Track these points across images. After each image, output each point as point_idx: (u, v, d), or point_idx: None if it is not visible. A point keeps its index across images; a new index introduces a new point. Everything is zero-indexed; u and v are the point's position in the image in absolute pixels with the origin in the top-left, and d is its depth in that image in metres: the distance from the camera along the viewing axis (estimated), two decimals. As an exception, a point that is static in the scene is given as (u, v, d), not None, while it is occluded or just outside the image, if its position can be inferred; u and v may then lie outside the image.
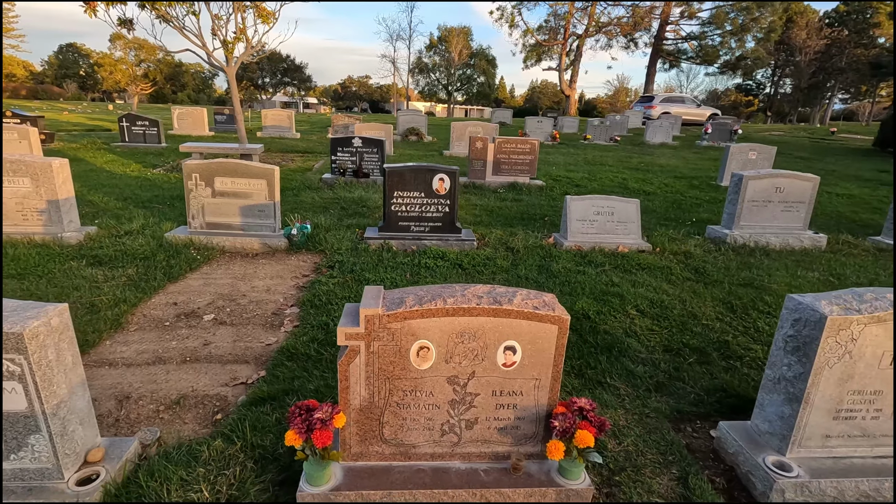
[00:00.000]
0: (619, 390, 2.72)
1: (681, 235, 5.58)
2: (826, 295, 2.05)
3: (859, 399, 2.05)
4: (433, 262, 4.45)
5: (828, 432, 2.09)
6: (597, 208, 5.23)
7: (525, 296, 1.88)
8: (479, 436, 1.96)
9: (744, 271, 4.55)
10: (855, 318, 1.92)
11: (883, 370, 2.01)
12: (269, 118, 14.95)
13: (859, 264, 4.91)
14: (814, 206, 7.61)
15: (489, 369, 1.87)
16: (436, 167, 4.90)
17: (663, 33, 41.01)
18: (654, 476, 2.12)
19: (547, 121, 15.61)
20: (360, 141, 7.86)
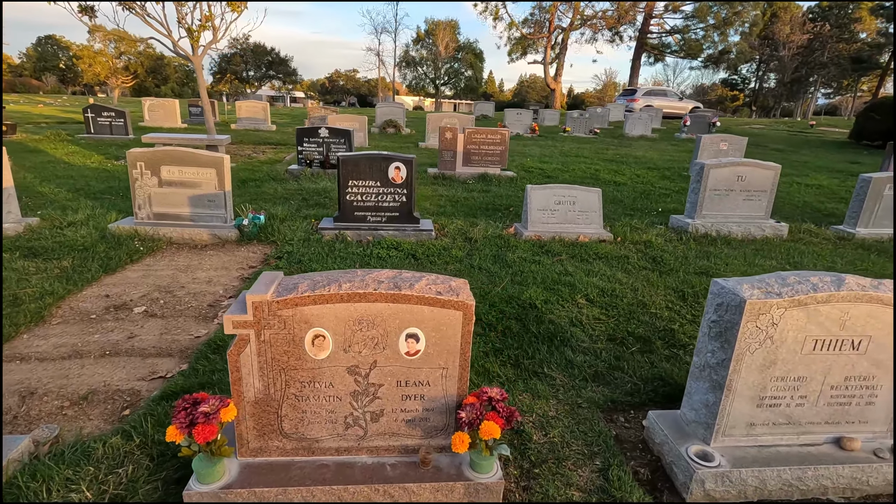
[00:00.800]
0: (555, 380, 2.64)
1: (644, 225, 5.53)
2: (750, 279, 1.98)
3: (783, 386, 1.99)
4: (386, 252, 4.34)
5: (752, 420, 2.03)
6: (558, 198, 5.15)
7: (430, 281, 1.78)
8: (387, 428, 1.87)
9: (701, 260, 4.50)
10: (775, 302, 1.85)
11: (806, 356, 1.95)
12: (243, 110, 14.68)
13: (818, 252, 4.89)
14: (782, 197, 7.64)
15: (392, 358, 1.77)
16: (392, 155, 4.78)
17: (647, 27, 41.12)
18: (576, 468, 2.04)
19: (526, 113, 15.51)
20: (326, 131, 7.70)
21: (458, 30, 66.45)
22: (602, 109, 19.59)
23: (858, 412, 2.08)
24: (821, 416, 2.07)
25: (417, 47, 66.80)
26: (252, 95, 68.09)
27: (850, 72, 49.38)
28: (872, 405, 2.07)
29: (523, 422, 2.29)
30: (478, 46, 67.63)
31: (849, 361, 1.99)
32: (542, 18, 41.71)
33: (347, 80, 78.56)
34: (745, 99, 60.55)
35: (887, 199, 5.58)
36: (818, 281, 1.93)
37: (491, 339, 2.97)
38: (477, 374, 2.60)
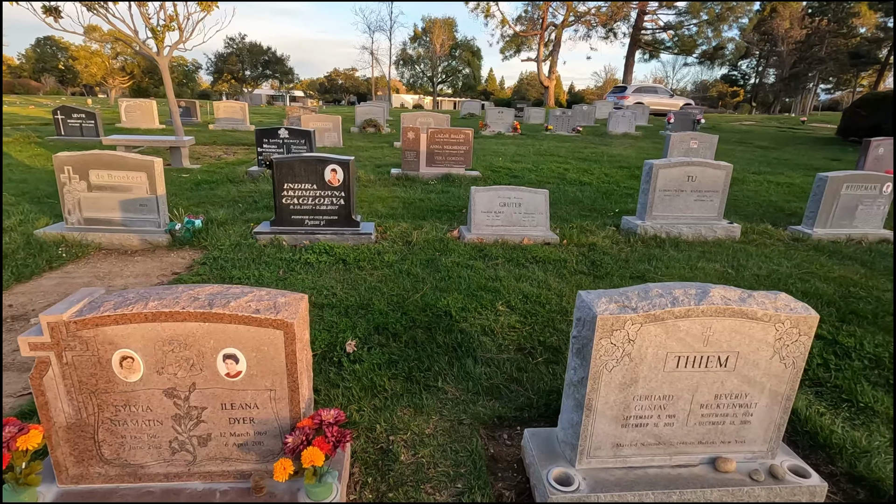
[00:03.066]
0: (446, 394, 2.53)
1: (595, 227, 5.41)
2: (613, 291, 1.87)
3: (648, 405, 1.88)
4: (315, 257, 4.23)
5: (619, 441, 1.92)
6: (503, 199, 5.04)
7: (255, 297, 1.67)
8: (217, 453, 1.76)
9: (642, 264, 4.38)
10: (629, 317, 1.74)
11: (670, 373, 1.83)
12: (221, 110, 14.56)
13: (766, 254, 4.77)
14: (749, 196, 7.52)
15: (211, 380, 1.66)
16: (328, 157, 4.67)
17: (641, 23, 40.88)
18: (435, 491, 1.94)
19: (508, 111, 15.36)
20: (286, 132, 7.59)
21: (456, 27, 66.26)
22: (588, 107, 19.43)
23: (734, 431, 1.96)
24: (693, 435, 1.95)
25: (414, 45, 66.63)
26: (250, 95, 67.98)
27: (849, 67, 49.12)
28: (748, 424, 1.96)
29: (395, 441, 2.18)
30: (475, 44, 67.44)
31: (717, 379, 1.87)
32: (535, 15, 41.49)
33: (346, 79, 78.34)
34: (746, 95, 60.27)
35: (845, 199, 5.46)
36: (681, 294, 1.81)
37: (391, 349, 2.86)
38: (363, 389, 2.49)
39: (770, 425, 1.97)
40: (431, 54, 63.52)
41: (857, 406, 2.48)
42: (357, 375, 2.58)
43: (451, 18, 64.07)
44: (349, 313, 3.26)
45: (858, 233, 5.50)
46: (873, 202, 5.52)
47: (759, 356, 1.85)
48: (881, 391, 2.60)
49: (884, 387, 2.65)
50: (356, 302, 3.41)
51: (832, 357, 2.89)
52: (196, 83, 75.35)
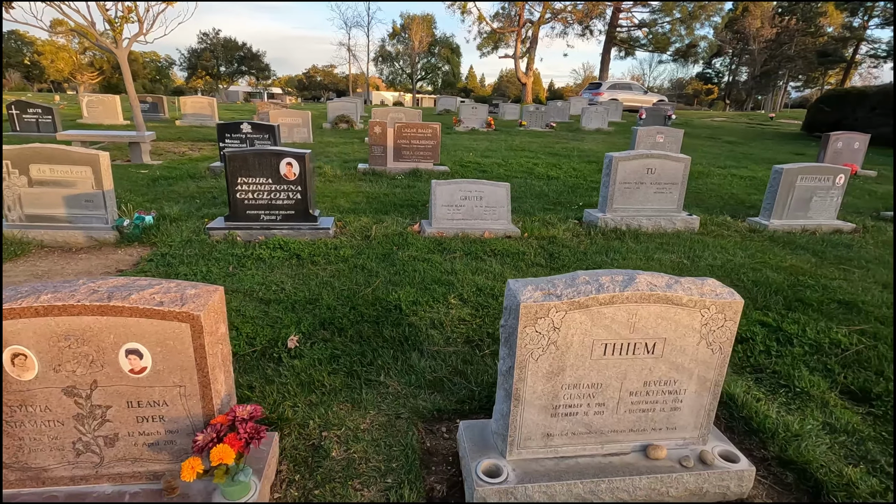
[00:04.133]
0: (387, 388, 2.48)
1: (558, 220, 5.41)
2: (539, 280, 1.84)
3: (577, 394, 1.86)
4: (269, 252, 4.13)
5: (549, 431, 1.89)
6: (464, 193, 5.00)
7: (162, 289, 1.59)
8: (127, 454, 1.68)
9: (600, 256, 4.40)
10: (553, 305, 1.71)
11: (597, 361, 1.81)
12: (188, 106, 14.20)
13: (723, 245, 4.83)
14: (713, 189, 7.63)
15: (114, 377, 1.58)
16: (283, 151, 4.56)
17: (616, 20, 41.29)
18: (363, 487, 1.88)
19: (482, 107, 15.35)
20: (249, 127, 7.42)
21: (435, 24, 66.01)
22: (562, 103, 19.55)
23: (664, 418, 1.96)
24: (624, 423, 1.94)
25: (393, 42, 66.21)
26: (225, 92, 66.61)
27: (817, 65, 50.51)
28: (679, 410, 1.95)
29: (328, 437, 2.12)
30: (454, 41, 67.30)
31: (645, 366, 1.86)
32: (512, 12, 41.56)
33: (325, 76, 77.41)
34: (720, 92, 61.49)
35: (800, 191, 5.57)
36: (608, 281, 1.79)
37: (335, 344, 2.80)
38: (300, 385, 2.42)
39: (700, 411, 1.97)
40: (410, 51, 63.20)
41: (794, 391, 2.51)
42: (296, 371, 2.51)
43: (429, 15, 63.84)
44: (296, 308, 3.18)
45: (813, 223, 5.62)
46: (826, 193, 5.64)
47: (686, 342, 1.85)
48: (818, 376, 2.64)
49: (821, 371, 2.69)
50: (305, 297, 3.33)
51: (774, 344, 2.93)
52: (170, 79, 73.59)
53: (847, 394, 2.53)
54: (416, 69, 66.09)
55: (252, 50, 70.75)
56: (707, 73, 62.86)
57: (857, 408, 2.43)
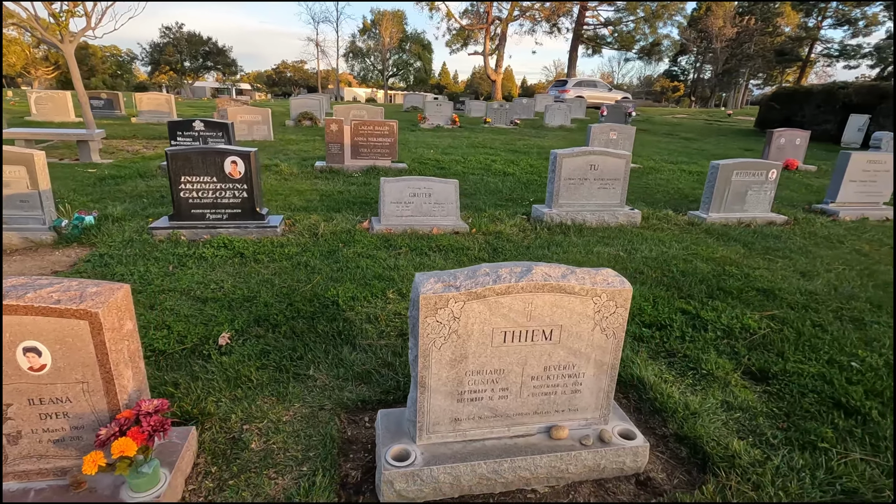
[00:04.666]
0: (315, 382, 2.54)
1: (506, 215, 5.55)
2: (444, 272, 1.93)
3: (481, 380, 1.96)
4: (212, 251, 4.12)
5: (456, 415, 2.00)
6: (413, 190, 5.08)
7: (59, 288, 1.61)
8: (32, 451, 1.70)
9: (542, 250, 4.54)
10: (452, 296, 1.81)
11: (498, 348, 1.92)
12: (144, 102, 13.83)
13: (660, 238, 5.05)
14: (661, 184, 7.91)
15: (13, 375, 1.60)
16: (227, 149, 4.54)
17: (583, 18, 41.97)
18: (277, 476, 1.95)
19: (447, 104, 15.44)
20: (202, 124, 7.32)
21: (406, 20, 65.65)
22: (527, 100, 19.81)
23: (566, 401, 2.08)
24: (528, 406, 2.06)
25: (364, 38, 65.62)
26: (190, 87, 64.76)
27: (775, 64, 52.46)
28: (579, 393, 2.08)
29: (249, 429, 2.18)
30: (426, 38, 67.08)
31: (544, 351, 1.98)
32: (480, 9, 41.75)
33: (295, 72, 76.11)
34: (687, 90, 63.17)
35: (736, 185, 5.84)
36: (507, 272, 1.90)
37: (267, 340, 2.84)
38: (227, 380, 2.47)
39: (599, 393, 2.10)
40: (381, 47, 62.77)
41: (701, 373, 2.69)
42: (223, 367, 2.55)
43: (400, 11, 63.46)
44: (233, 306, 3.21)
45: (748, 216, 5.91)
46: (761, 188, 5.94)
47: (582, 328, 1.97)
48: (725, 358, 2.82)
49: (729, 354, 2.87)
50: (243, 295, 3.36)
51: (690, 330, 3.11)
52: (132, 74, 71.19)
53: (749, 374, 2.72)
54: (387, 65, 65.74)
55: (218, 45, 69.05)
56: (673, 70, 64.56)
57: (756, 387, 2.62)
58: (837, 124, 15.16)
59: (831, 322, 3.31)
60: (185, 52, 66.08)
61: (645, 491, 2.01)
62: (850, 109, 15.02)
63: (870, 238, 5.41)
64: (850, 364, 2.77)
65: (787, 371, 2.68)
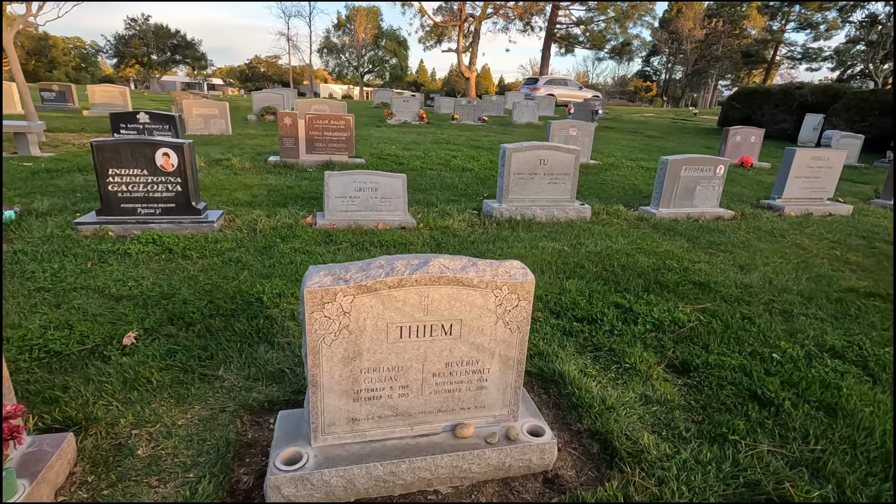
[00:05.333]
0: (223, 382, 2.41)
1: (457, 210, 5.48)
2: (337, 265, 1.83)
3: (378, 377, 1.87)
4: (139, 248, 3.93)
5: (354, 415, 1.90)
6: (359, 184, 4.96)
7: None
8: None
9: (486, 245, 4.49)
10: (340, 289, 1.71)
11: (394, 344, 1.84)
12: (97, 95, 13.29)
13: (608, 233, 5.05)
14: (618, 180, 7.96)
15: None
16: (158, 141, 4.34)
17: (555, 17, 42.29)
18: (160, 483, 1.82)
19: (414, 101, 15.30)
20: (147, 116, 7.03)
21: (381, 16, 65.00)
22: (497, 97, 19.82)
23: (472, 398, 2.01)
24: (431, 405, 1.98)
25: (339, 33, 64.81)
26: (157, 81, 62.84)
27: (742, 65, 53.96)
28: (485, 389, 2.01)
29: (138, 434, 2.04)
30: (402, 34, 66.63)
31: (445, 347, 1.90)
32: (454, 6, 41.64)
33: (269, 67, 74.65)
34: (659, 90, 64.45)
35: (685, 181, 5.90)
36: (402, 265, 1.81)
37: (178, 339, 2.69)
38: (123, 383, 2.32)
39: (506, 389, 2.04)
40: (355, 43, 62.13)
41: (624, 367, 2.66)
42: (122, 369, 2.40)
43: (375, 7, 62.87)
44: (147, 304, 3.04)
45: (697, 211, 5.98)
46: (709, 183, 6.01)
47: (483, 322, 1.90)
48: (651, 352, 2.80)
49: (655, 348, 2.86)
50: (161, 292, 3.19)
51: (619, 324, 3.09)
52: (97, 68, 68.78)
53: (672, 367, 2.71)
54: (362, 62, 65.14)
55: (186, 38, 67.27)
56: (646, 71, 65.81)
57: (678, 379, 2.60)
58: (794, 123, 15.62)
59: (761, 314, 3.33)
60: (151, 44, 64.15)
61: (551, 489, 1.96)
62: (807, 109, 15.49)
63: (811, 233, 5.53)
64: (771, 356, 2.79)
65: (708, 364, 2.68)
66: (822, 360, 2.76)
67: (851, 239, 5.37)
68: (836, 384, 2.53)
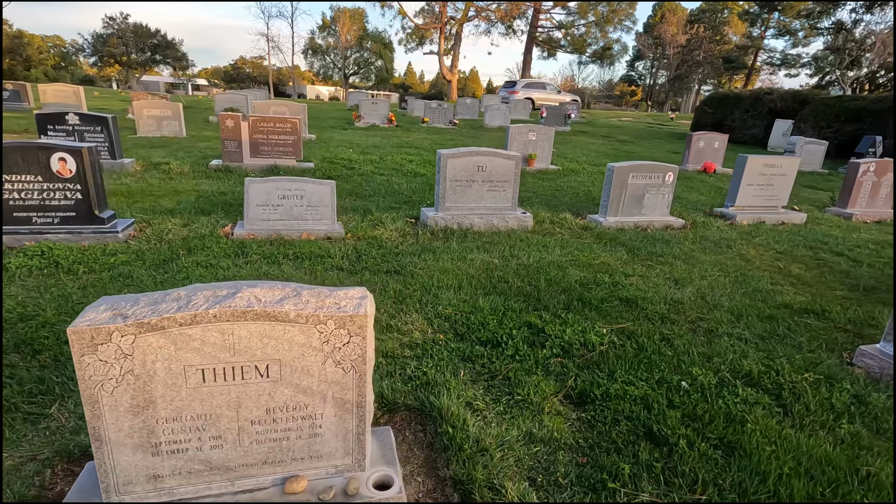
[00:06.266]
0: (51, 423, 2.11)
1: (392, 219, 5.21)
2: (127, 297, 1.56)
3: (181, 427, 1.60)
4: (21, 261, 3.59)
5: (155, 472, 1.62)
6: (283, 191, 4.67)
7: None
8: None
9: (410, 257, 4.23)
10: (116, 328, 1.43)
11: (196, 389, 1.56)
12: (48, 94, 12.78)
13: (545, 243, 4.83)
14: (575, 187, 7.76)
15: None
16: (52, 144, 4.01)
17: (537, 21, 42.33)
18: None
19: (383, 103, 15.03)
20: (77, 118, 6.66)
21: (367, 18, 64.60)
22: (471, 100, 19.64)
23: (304, 447, 1.75)
24: (254, 456, 1.71)
25: (324, 35, 64.33)
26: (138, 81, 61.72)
27: (723, 70, 54.70)
28: (320, 437, 1.75)
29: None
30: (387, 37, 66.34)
31: (263, 391, 1.63)
32: (435, 8, 41.44)
33: (254, 68, 73.83)
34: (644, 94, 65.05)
35: (633, 188, 5.71)
36: (203, 298, 1.54)
37: (16, 370, 2.39)
38: (-75, 426, 2.01)
39: (347, 436, 1.78)
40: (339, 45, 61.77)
41: (516, 398, 2.42)
42: (-71, 409, 2.09)
43: (361, 9, 62.50)
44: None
45: (646, 220, 5.79)
46: (658, 191, 5.83)
47: (309, 362, 1.64)
48: (552, 380, 2.56)
49: (557, 375, 2.62)
50: (21, 314, 2.88)
51: (525, 347, 2.85)
52: (77, 67, 67.42)
53: (569, 398, 2.47)
54: (347, 63, 64.76)
55: (167, 38, 66.24)
56: (631, 75, 66.46)
57: (573, 413, 2.36)
58: (764, 129, 15.66)
59: (682, 335, 3.12)
60: (130, 44, 63.08)
61: (392, 553, 1.70)
62: (776, 115, 15.54)
63: (759, 242, 5.37)
64: (679, 384, 2.57)
65: (608, 395, 2.44)
66: (733, 389, 2.55)
67: (799, 249, 5.21)
68: (742, 418, 2.31)
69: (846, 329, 3.42)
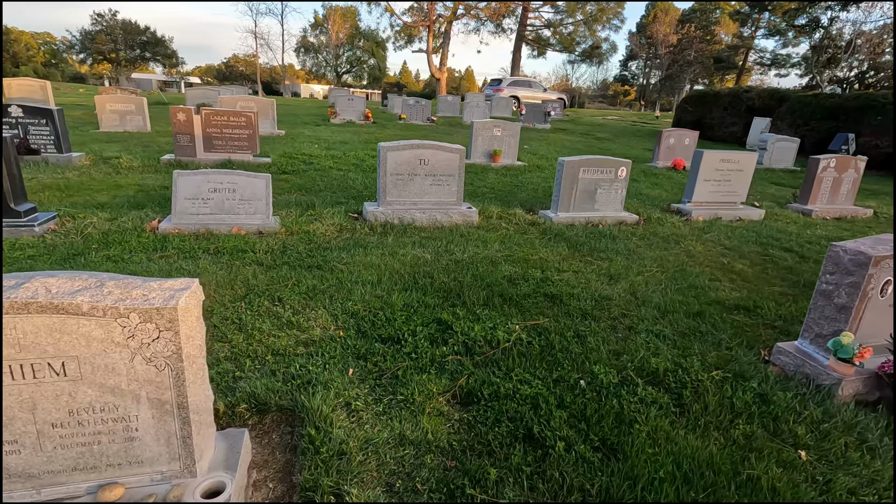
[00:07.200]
0: None
1: (334, 213, 5.07)
2: None
3: (-33, 431, 1.46)
4: (-82, 255, 3.43)
5: (-58, 480, 1.48)
6: (213, 185, 4.52)
7: None
8: None
9: (341, 252, 4.09)
10: None
11: None
12: (13, 89, 12.52)
13: (486, 239, 4.70)
14: (537, 183, 7.65)
15: None
16: (-39, 134, 3.84)
17: (526, 19, 42.23)
18: None
19: (359, 100, 14.88)
20: (20, 110, 6.46)
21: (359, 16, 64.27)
22: (452, 98, 19.52)
23: (120, 451, 1.61)
24: (62, 462, 1.57)
25: (316, 33, 64.00)
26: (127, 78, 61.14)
27: (714, 70, 54.89)
28: (138, 440, 1.61)
29: None
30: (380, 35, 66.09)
31: (62, 391, 1.49)
32: (424, 6, 41.26)
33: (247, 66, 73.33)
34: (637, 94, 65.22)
35: (584, 183, 5.60)
36: (-13, 287, 1.40)
37: None
38: None
39: (171, 439, 1.64)
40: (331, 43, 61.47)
41: (398, 398, 2.29)
42: None
43: (353, 7, 62.18)
44: None
45: (598, 216, 5.68)
46: (611, 186, 5.73)
47: (113, 359, 1.50)
48: (445, 378, 2.44)
49: (450, 374, 2.49)
50: None
51: (426, 344, 2.72)
52: (68, 64, 66.74)
53: (458, 398, 2.34)
54: (339, 62, 64.48)
55: (157, 35, 65.67)
56: (625, 75, 66.63)
57: (457, 414, 2.24)
58: (743, 126, 15.63)
59: (599, 331, 3.00)
60: (119, 41, 62.50)
61: (213, 566, 1.56)
62: (755, 112, 15.51)
63: (709, 239, 5.28)
64: (577, 382, 2.45)
65: (498, 394, 2.32)
66: (633, 388, 2.43)
67: (748, 245, 5.12)
68: (633, 418, 2.20)
69: (774, 326, 3.33)
